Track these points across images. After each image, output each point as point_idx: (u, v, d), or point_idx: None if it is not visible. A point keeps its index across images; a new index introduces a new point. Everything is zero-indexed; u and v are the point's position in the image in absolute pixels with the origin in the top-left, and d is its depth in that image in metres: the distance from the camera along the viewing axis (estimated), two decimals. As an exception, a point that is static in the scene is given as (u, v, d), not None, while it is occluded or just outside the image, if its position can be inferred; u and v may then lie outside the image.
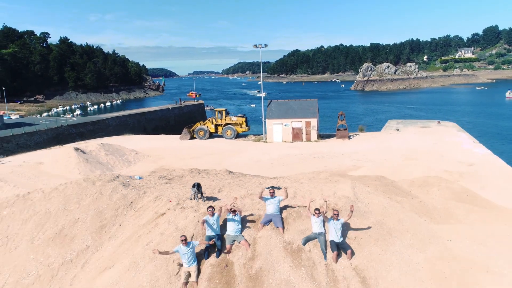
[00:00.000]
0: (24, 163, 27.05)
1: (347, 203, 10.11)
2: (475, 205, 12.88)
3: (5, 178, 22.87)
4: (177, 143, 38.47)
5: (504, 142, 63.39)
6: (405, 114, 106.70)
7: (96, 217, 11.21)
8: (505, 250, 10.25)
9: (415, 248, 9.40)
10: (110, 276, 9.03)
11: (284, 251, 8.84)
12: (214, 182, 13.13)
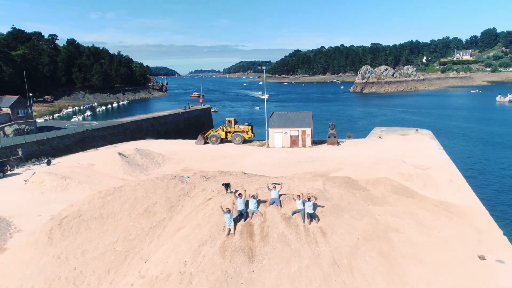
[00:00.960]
0: (79, 165, 34.05)
1: (317, 193, 17.09)
2: (404, 196, 19.88)
3: (70, 176, 29.97)
4: (193, 147, 45.47)
5: (478, 146, 70.25)
6: (398, 118, 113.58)
7: (167, 201, 18.23)
8: (412, 221, 17.23)
9: (356, 218, 16.36)
10: (182, 233, 15.99)
11: (281, 218, 15.83)
12: (236, 180, 20.09)
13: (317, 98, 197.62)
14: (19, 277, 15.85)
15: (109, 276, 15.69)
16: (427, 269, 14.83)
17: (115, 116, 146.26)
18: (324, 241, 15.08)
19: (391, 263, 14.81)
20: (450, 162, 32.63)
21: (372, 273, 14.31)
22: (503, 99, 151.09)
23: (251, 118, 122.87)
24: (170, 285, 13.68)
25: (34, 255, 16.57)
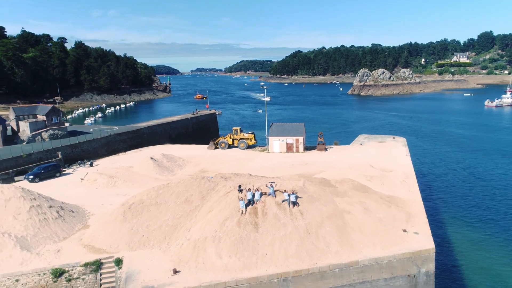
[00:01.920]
0: (119, 166, 43.15)
1: (298, 189, 26.13)
2: (360, 191, 28.81)
3: (116, 176, 39.10)
4: (206, 152, 54.49)
5: (450, 150, 79.25)
6: (388, 122, 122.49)
7: (199, 193, 27.23)
8: (360, 207, 26.22)
9: (323, 205, 25.31)
10: (212, 213, 24.98)
11: (275, 204, 24.81)
12: (245, 179, 29.07)
13: (315, 101, 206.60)
14: (107, 242, 24.98)
15: (165, 240, 24.82)
16: (365, 236, 23.93)
17: (124, 118, 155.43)
18: (301, 218, 24.19)
19: (343, 232, 23.92)
20: (410, 166, 41.66)
21: (330, 237, 23.43)
22: (491, 103, 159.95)
23: (254, 121, 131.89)
24: (207, 243, 22.82)
25: (115, 228, 25.69)
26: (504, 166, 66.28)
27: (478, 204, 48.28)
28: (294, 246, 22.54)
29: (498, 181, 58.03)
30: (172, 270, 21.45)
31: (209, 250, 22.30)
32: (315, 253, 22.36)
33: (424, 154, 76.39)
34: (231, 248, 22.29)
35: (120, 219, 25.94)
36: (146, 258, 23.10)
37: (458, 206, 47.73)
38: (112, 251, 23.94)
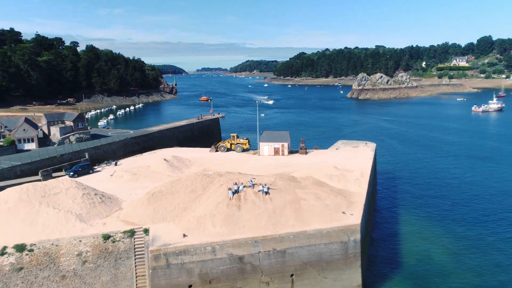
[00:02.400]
0: (139, 166, 54.57)
1: (270, 183, 37.05)
2: (317, 185, 39.62)
3: (137, 173, 50.48)
4: (208, 154, 65.69)
5: (423, 153, 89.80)
6: (377, 126, 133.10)
7: (201, 185, 38.23)
8: (314, 196, 37.18)
9: (287, 194, 36.19)
10: (210, 199, 35.88)
11: (253, 193, 35.56)
12: (235, 177, 40.15)
13: (315, 104, 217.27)
14: (137, 218, 36.28)
15: (177, 217, 36.09)
16: (314, 216, 35.05)
17: (134, 120, 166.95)
18: (270, 203, 35.39)
19: (298, 212, 35.10)
20: (368, 168, 52.56)
21: (289, 216, 34.61)
22: (478, 109, 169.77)
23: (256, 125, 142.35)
24: (206, 219, 34.04)
25: (142, 209, 37.02)
26: (464, 167, 77.01)
27: (427, 200, 59.23)
28: (264, 221, 33.74)
29: (453, 180, 68.83)
30: (182, 235, 32.73)
31: (207, 222, 33.58)
32: (278, 226, 33.55)
33: (397, 156, 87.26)
34: (221, 222, 33.55)
35: (146, 203, 37.29)
36: (165, 228, 34.41)
37: (404, 198, 58.73)
38: (141, 224, 35.26)
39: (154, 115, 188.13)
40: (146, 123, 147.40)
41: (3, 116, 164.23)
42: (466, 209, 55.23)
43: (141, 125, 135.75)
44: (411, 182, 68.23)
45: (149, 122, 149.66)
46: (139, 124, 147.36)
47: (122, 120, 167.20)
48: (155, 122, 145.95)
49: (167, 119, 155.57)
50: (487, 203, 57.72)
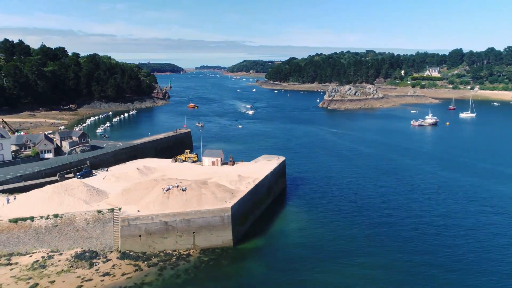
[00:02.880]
0: (122, 172, 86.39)
1: (188, 184, 68.57)
2: (216, 186, 70.69)
3: (120, 177, 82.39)
4: (170, 164, 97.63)
5: (339, 164, 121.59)
6: (320, 138, 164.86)
7: (151, 185, 69.10)
8: (211, 192, 69.02)
9: (195, 191, 67.88)
10: (154, 193, 67.51)
11: (177, 190, 67.20)
12: (172, 181, 71.65)
13: (286, 115, 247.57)
14: (116, 202, 68.38)
15: (136, 202, 68.24)
16: (207, 203, 67.18)
17: (126, 129, 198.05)
18: (185, 195, 67.29)
19: (199, 201, 67.02)
20: (262, 176, 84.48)
21: (194, 202, 66.90)
22: (415, 123, 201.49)
23: (230, 135, 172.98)
24: (151, 203, 66.15)
25: (119, 198, 69.33)
26: (360, 175, 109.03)
27: (320, 196, 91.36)
28: (180, 204, 66.01)
29: (347, 184, 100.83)
30: (137, 210, 64.96)
31: (150, 205, 65.85)
32: (187, 207, 65.73)
33: (312, 165, 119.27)
34: (158, 205, 65.78)
35: (120, 194, 69.59)
36: (129, 207, 66.57)
37: (302, 195, 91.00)
38: (117, 205, 67.36)
39: (144, 122, 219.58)
40: (136, 131, 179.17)
41: (16, 121, 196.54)
42: (343, 203, 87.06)
43: (132, 133, 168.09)
44: (314, 184, 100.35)
45: (139, 130, 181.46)
46: (131, 131, 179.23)
47: (117, 128, 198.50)
48: (145, 130, 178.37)
49: (154, 128, 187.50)
50: (365, 202, 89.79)
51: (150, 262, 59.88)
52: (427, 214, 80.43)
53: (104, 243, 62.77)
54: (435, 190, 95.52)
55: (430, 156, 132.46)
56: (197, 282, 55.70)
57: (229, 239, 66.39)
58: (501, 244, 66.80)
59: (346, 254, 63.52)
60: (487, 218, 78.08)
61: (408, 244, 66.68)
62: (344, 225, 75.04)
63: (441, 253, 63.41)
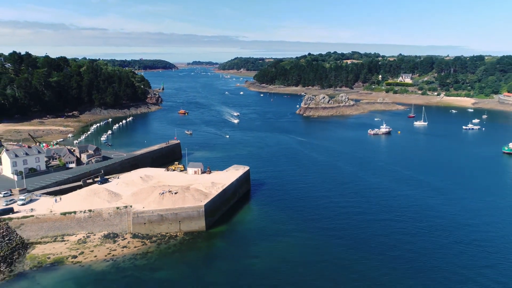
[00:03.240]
0: (128, 179, 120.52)
1: (177, 189, 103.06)
2: (194, 190, 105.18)
3: (129, 183, 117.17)
4: (163, 173, 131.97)
5: (295, 171, 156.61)
6: (286, 147, 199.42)
7: (151, 190, 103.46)
8: (191, 195, 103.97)
9: (181, 194, 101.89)
10: (154, 196, 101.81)
11: (169, 194, 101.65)
12: (166, 187, 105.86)
13: (266, 122, 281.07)
14: (128, 202, 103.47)
15: (141, 202, 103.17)
16: (190, 201, 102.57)
17: (126, 137, 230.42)
18: (174, 197, 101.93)
19: (184, 200, 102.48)
20: (229, 182, 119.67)
21: (179, 201, 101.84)
22: (371, 132, 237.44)
23: (217, 144, 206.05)
24: (151, 202, 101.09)
25: (130, 199, 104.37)
26: (315, 184, 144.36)
27: (277, 196, 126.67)
28: (170, 203, 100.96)
29: (299, 190, 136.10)
30: (142, 207, 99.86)
31: (152, 204, 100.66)
32: (176, 204, 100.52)
33: (275, 172, 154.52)
34: (156, 203, 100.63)
35: (130, 196, 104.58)
36: (137, 205, 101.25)
37: (264, 196, 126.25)
38: (129, 203, 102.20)
39: (140, 130, 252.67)
40: (134, 139, 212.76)
41: (30, 129, 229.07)
42: (291, 202, 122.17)
43: (130, 141, 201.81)
44: (273, 187, 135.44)
45: (136, 138, 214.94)
46: (129, 139, 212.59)
47: (118, 135, 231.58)
48: (141, 138, 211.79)
49: (149, 135, 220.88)
50: (308, 202, 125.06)
51: (151, 240, 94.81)
52: (353, 210, 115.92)
53: (121, 228, 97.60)
54: (360, 191, 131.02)
55: (368, 164, 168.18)
56: (181, 252, 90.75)
57: (203, 226, 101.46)
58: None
59: (283, 234, 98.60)
60: (391, 212, 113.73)
61: (331, 231, 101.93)
62: (286, 215, 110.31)
63: (350, 235, 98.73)
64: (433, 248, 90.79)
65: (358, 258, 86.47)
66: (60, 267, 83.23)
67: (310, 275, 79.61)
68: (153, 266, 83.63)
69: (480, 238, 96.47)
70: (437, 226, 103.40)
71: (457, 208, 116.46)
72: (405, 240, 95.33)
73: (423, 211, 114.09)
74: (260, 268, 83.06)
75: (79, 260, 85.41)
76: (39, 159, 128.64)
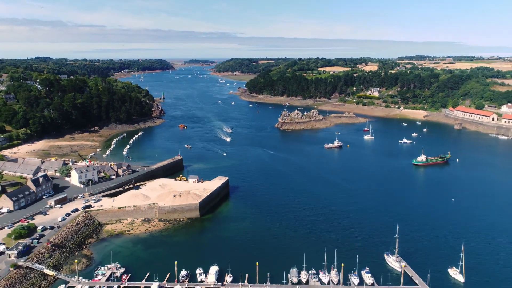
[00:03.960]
0: (152, 186, 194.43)
1: (181, 193, 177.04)
2: (193, 193, 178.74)
3: (153, 189, 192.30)
4: (173, 182, 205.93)
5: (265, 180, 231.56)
6: (258, 159, 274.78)
7: (168, 193, 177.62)
8: (191, 196, 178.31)
9: (185, 196, 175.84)
10: (170, 197, 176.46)
11: (179, 195, 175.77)
12: (176, 191, 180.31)
13: (247, 137, 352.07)
14: (155, 201, 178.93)
15: (163, 201, 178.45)
16: (188, 199, 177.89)
17: (140, 148, 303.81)
18: (182, 198, 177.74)
19: (183, 200, 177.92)
20: (213, 188, 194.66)
21: (185, 200, 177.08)
22: (326, 146, 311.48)
23: (208, 157, 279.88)
24: (168, 200, 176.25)
25: (156, 199, 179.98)
26: (276, 189, 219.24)
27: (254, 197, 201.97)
28: (179, 201, 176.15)
29: (263, 193, 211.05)
30: (164, 204, 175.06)
31: (169, 202, 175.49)
32: (183, 202, 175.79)
33: (249, 179, 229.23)
34: (171, 201, 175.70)
35: (156, 198, 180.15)
36: (160, 203, 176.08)
37: (241, 197, 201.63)
38: (156, 202, 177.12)
39: (150, 144, 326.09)
40: (147, 153, 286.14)
41: (66, 144, 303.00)
42: (258, 199, 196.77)
43: (145, 155, 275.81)
44: (245, 191, 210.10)
45: (149, 152, 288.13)
46: (143, 153, 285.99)
47: (134, 149, 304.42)
48: (152, 151, 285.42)
49: (158, 150, 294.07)
50: (270, 201, 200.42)
51: (169, 222, 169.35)
52: (293, 206, 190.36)
53: (152, 216, 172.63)
54: (301, 192, 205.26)
55: (312, 173, 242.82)
56: (185, 228, 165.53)
57: (198, 214, 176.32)
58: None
59: (246, 219, 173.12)
60: (313, 204, 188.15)
61: (276, 216, 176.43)
62: (250, 208, 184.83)
63: (287, 219, 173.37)
64: (326, 221, 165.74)
65: (287, 231, 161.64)
66: (121, 236, 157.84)
67: (259, 239, 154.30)
68: (170, 235, 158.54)
69: (355, 222, 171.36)
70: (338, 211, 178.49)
71: (356, 202, 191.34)
72: (315, 219, 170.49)
73: (331, 204, 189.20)
74: (230, 236, 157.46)
75: (131, 232, 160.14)
76: (94, 173, 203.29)
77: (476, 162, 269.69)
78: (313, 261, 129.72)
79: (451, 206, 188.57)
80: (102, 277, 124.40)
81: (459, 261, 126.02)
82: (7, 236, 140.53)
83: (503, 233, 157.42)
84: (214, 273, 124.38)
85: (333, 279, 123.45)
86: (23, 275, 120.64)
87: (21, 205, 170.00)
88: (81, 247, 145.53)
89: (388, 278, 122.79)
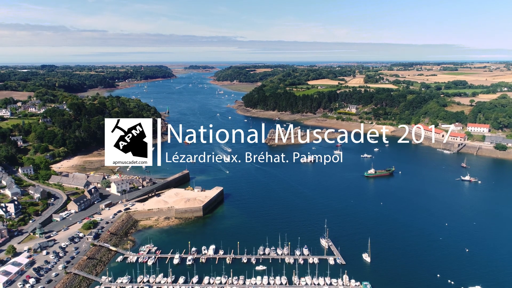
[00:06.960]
0: (169, 194, 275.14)
1: (188, 199, 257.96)
2: (198, 199, 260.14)
3: (170, 196, 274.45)
4: (183, 191, 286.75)
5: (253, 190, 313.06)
6: (249, 172, 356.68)
7: (181, 199, 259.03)
8: (194, 199, 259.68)
9: (190, 201, 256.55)
10: (182, 201, 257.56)
11: (188, 200, 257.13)
12: (186, 198, 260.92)
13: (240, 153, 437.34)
14: (172, 204, 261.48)
15: (178, 204, 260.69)
16: (194, 204, 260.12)
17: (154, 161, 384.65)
18: (190, 202, 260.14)
19: (186, 203, 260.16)
20: (212, 196, 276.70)
21: (191, 204, 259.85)
22: (302, 160, 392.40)
23: (209, 170, 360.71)
24: (181, 204, 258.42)
25: (173, 204, 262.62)
26: (263, 196, 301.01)
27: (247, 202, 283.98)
28: (189, 205, 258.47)
29: (252, 199, 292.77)
30: (178, 207, 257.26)
31: (182, 205, 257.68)
32: (189, 205, 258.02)
33: (240, 189, 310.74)
34: (184, 205, 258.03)
35: (172, 202, 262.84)
36: (176, 206, 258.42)
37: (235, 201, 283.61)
38: (173, 205, 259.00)
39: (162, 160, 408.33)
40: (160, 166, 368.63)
41: (95, 160, 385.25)
42: (247, 204, 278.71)
43: (159, 169, 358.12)
44: (237, 197, 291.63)
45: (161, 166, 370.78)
46: (157, 167, 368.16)
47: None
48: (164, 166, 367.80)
49: (169, 164, 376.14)
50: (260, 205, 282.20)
51: (182, 219, 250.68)
52: (270, 208, 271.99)
53: (171, 215, 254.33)
54: (279, 198, 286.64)
55: (286, 183, 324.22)
56: (193, 223, 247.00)
57: (201, 214, 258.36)
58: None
59: (238, 217, 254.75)
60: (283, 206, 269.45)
61: (261, 215, 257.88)
62: (241, 210, 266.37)
63: (270, 217, 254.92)
64: (285, 217, 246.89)
65: (260, 224, 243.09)
66: (151, 228, 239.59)
67: (242, 229, 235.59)
68: (184, 227, 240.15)
69: (306, 215, 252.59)
70: (299, 208, 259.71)
71: (311, 204, 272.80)
72: (279, 216, 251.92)
73: (292, 206, 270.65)
74: (223, 227, 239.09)
75: (157, 226, 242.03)
76: (126, 185, 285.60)
77: (413, 174, 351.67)
78: (272, 241, 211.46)
79: (379, 208, 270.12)
80: (143, 252, 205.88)
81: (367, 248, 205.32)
82: (82, 228, 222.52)
83: (408, 229, 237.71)
84: (212, 249, 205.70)
85: (284, 252, 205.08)
86: (98, 250, 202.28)
87: (82, 208, 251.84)
88: (127, 235, 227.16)
89: (318, 251, 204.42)
